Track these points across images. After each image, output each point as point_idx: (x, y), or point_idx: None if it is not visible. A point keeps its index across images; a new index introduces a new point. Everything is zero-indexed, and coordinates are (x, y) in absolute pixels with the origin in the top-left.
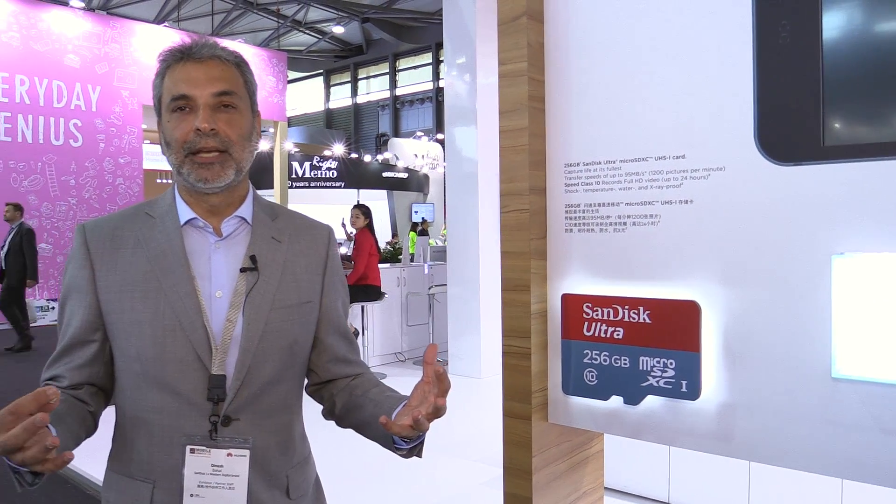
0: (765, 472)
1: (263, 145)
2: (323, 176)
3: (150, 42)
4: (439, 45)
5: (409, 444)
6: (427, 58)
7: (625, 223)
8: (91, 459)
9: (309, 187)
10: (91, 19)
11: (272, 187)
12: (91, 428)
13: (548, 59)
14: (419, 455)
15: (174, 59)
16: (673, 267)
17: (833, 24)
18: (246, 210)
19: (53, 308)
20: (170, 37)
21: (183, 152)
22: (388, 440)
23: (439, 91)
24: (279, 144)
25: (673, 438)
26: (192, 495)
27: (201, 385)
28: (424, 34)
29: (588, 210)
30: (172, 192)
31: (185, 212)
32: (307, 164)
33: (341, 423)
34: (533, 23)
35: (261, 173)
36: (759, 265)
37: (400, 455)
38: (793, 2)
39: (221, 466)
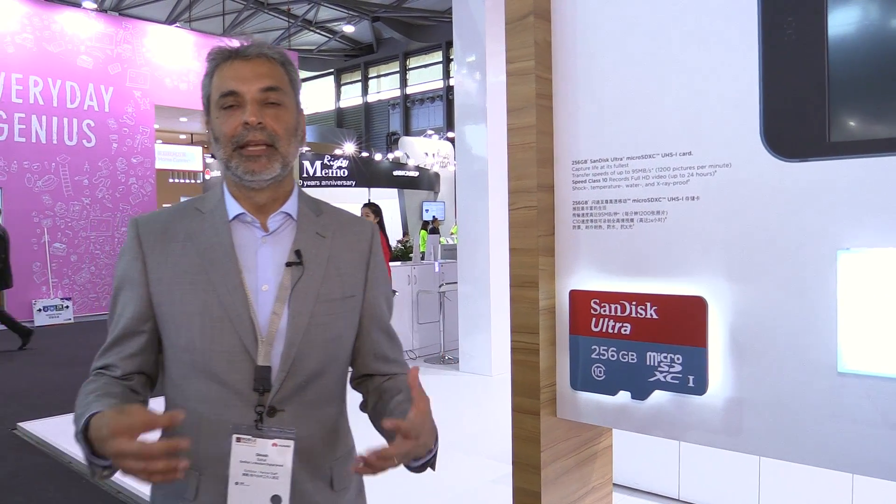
0: (775, 468)
1: None
2: (334, 175)
3: (161, 42)
4: (450, 44)
5: (417, 462)
6: (437, 56)
7: (632, 220)
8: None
9: (320, 186)
10: (103, 20)
11: None
12: None
13: (555, 58)
14: (433, 468)
15: (222, 58)
16: (680, 263)
17: (838, 20)
18: (291, 206)
19: (67, 307)
20: (181, 37)
21: (231, 146)
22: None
23: (450, 89)
24: None
25: (680, 433)
26: (237, 483)
27: (247, 376)
28: (435, 33)
29: (595, 207)
30: (221, 188)
31: (233, 207)
32: (318, 163)
33: (372, 422)
34: (540, 21)
35: None
36: (765, 261)
37: (416, 472)
38: None
39: (266, 456)
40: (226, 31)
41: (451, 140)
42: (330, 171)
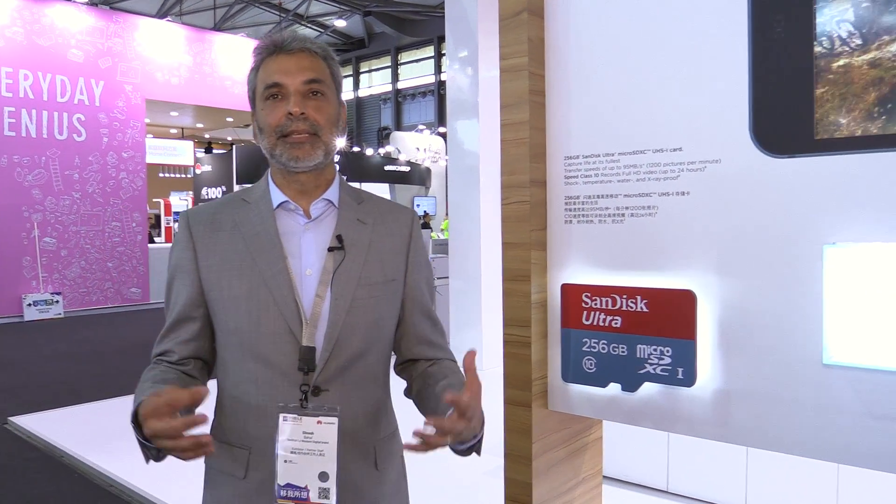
0: (762, 460)
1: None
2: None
3: (152, 36)
4: (441, 39)
5: (463, 445)
6: (429, 51)
7: (623, 215)
8: (101, 452)
9: None
10: (94, 14)
11: None
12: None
13: (548, 54)
14: (478, 453)
15: (267, 52)
16: (670, 257)
17: (826, 19)
18: (333, 193)
19: (57, 302)
20: (173, 31)
21: (275, 135)
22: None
23: (441, 84)
24: None
25: (669, 424)
26: (285, 461)
27: (293, 357)
28: (426, 27)
29: (587, 202)
30: (266, 178)
31: (277, 196)
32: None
33: (417, 407)
34: (534, 18)
35: (263, 167)
36: (753, 255)
37: (457, 454)
38: None
39: (312, 433)
40: (217, 25)
41: (443, 135)
42: None
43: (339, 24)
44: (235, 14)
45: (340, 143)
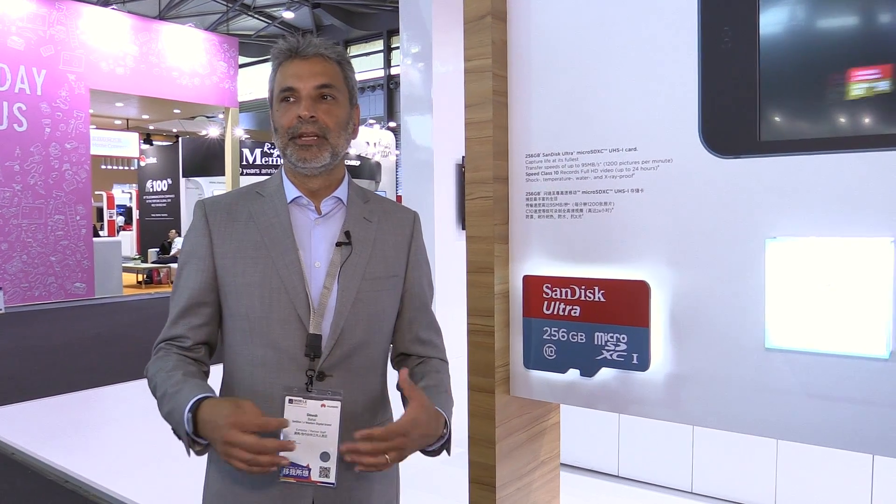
0: (707, 442)
1: (213, 132)
2: (274, 163)
3: (97, 25)
4: (391, 33)
5: (429, 447)
6: (379, 45)
7: (581, 210)
8: (54, 448)
9: (260, 174)
10: (35, 0)
11: (223, 174)
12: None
13: (511, 57)
14: (448, 452)
15: (284, 57)
16: (625, 250)
17: (769, 30)
18: (342, 192)
19: None
20: (118, 20)
21: (287, 136)
22: None
23: (391, 78)
24: (230, 130)
25: (625, 407)
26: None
27: (300, 343)
28: (376, 21)
29: (547, 198)
30: (280, 174)
31: (291, 191)
32: (258, 151)
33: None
34: (497, 22)
35: (211, 160)
36: (701, 248)
37: (433, 456)
38: (734, 10)
39: (316, 416)
40: (161, 14)
41: (393, 129)
42: (270, 159)
43: (287, 15)
44: (180, 3)
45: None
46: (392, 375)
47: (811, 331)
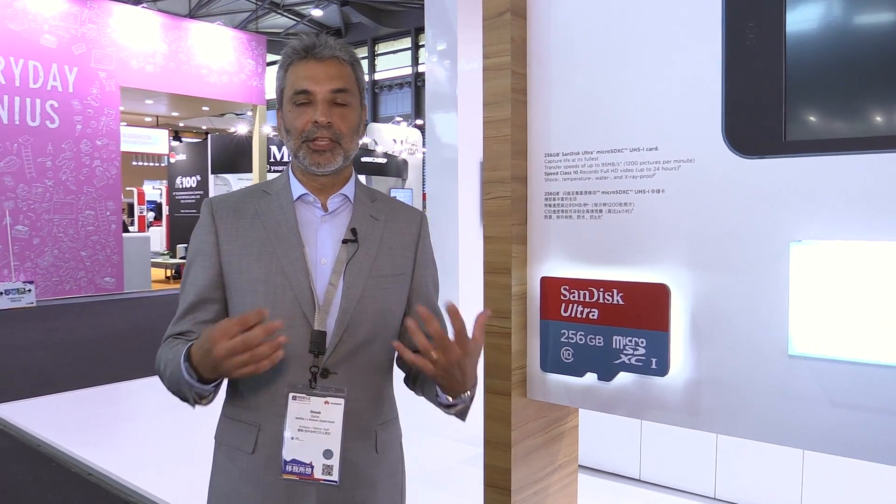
0: (731, 448)
1: (242, 129)
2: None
3: (127, 23)
4: (419, 30)
5: (447, 399)
6: (406, 42)
7: (601, 210)
8: (80, 441)
9: None
10: None
11: (251, 171)
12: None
13: (530, 54)
14: (463, 418)
15: (298, 56)
16: (645, 252)
17: (796, 27)
18: (349, 190)
19: (30, 291)
20: (148, 18)
21: (300, 139)
22: (434, 397)
23: (419, 76)
24: (258, 128)
25: (643, 412)
26: (292, 438)
27: (305, 339)
28: (404, 18)
29: (566, 198)
30: (287, 173)
31: (297, 189)
32: (286, 148)
33: (415, 390)
34: (516, 19)
35: (239, 157)
36: (723, 251)
37: (444, 410)
38: (759, 5)
39: (319, 413)
40: (192, 13)
41: (420, 127)
42: None
43: (316, 13)
44: (210, 1)
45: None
46: (398, 375)
47: (836, 338)
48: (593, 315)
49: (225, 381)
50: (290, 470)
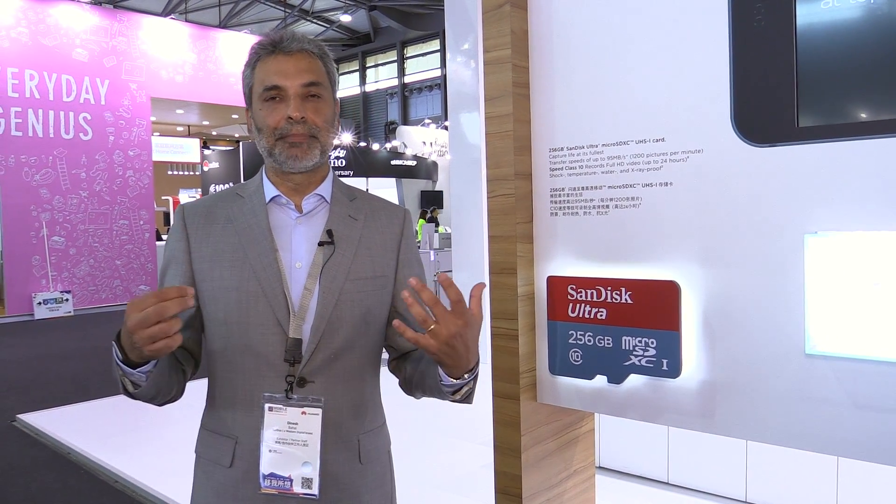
0: (762, 450)
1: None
2: (332, 165)
3: (157, 35)
4: None
5: (450, 381)
6: (435, 44)
7: (607, 206)
8: (107, 448)
9: None
10: (98, 13)
11: None
12: (182, 382)
13: (531, 46)
14: (469, 401)
15: (265, 51)
16: (654, 248)
17: (807, 5)
18: (325, 189)
19: (67, 300)
20: (177, 29)
21: (274, 137)
22: (437, 384)
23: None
24: None
25: (656, 416)
26: (269, 451)
27: (280, 347)
28: (432, 21)
29: (572, 194)
30: (261, 174)
31: (270, 190)
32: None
33: (413, 392)
34: (516, 10)
35: None
36: (735, 245)
37: (450, 398)
38: None
39: (296, 424)
40: (222, 23)
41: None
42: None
43: (345, 18)
44: (241, 11)
45: (347, 137)
46: (385, 380)
47: (857, 335)
48: (601, 315)
49: (205, 392)
50: (269, 484)
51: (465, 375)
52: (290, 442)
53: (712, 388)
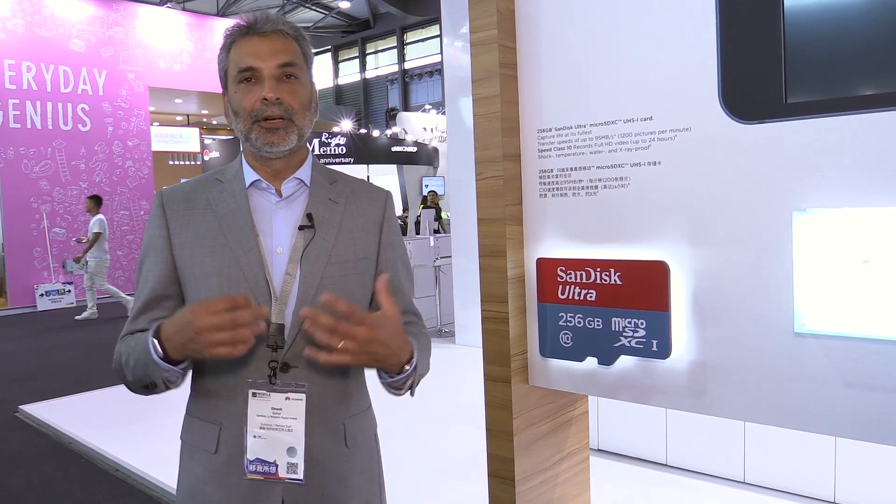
0: (759, 431)
1: None
2: (332, 152)
3: (154, 24)
4: None
5: (388, 377)
6: (435, 30)
7: (596, 187)
8: (108, 437)
9: None
10: (94, 3)
11: None
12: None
13: (518, 26)
14: (412, 392)
15: (239, 33)
16: (642, 228)
17: None
18: (304, 173)
19: (69, 291)
20: (174, 18)
21: (250, 120)
22: (384, 383)
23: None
24: None
25: (647, 397)
26: (254, 437)
27: (262, 333)
28: (431, 6)
29: (561, 175)
30: (240, 159)
31: (250, 175)
32: (316, 141)
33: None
34: None
35: None
36: (724, 224)
37: (394, 392)
38: None
39: (280, 409)
40: (220, 11)
41: None
42: (328, 148)
43: (344, 5)
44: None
45: (347, 125)
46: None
47: (846, 313)
48: (591, 296)
49: (189, 377)
50: (254, 469)
51: (406, 367)
52: (274, 427)
53: (702, 368)
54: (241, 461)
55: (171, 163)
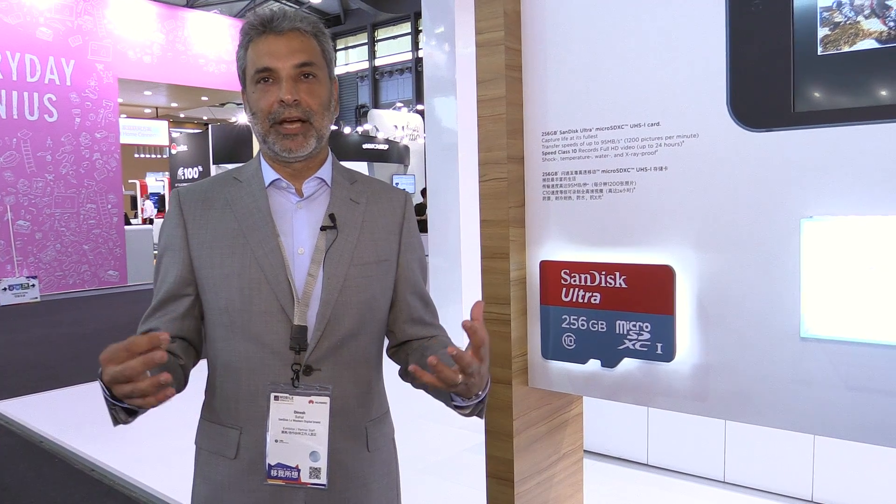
0: (739, 433)
1: (242, 118)
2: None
3: (123, 14)
4: (418, 15)
5: (464, 401)
6: (406, 27)
7: (601, 190)
8: (81, 436)
9: None
10: None
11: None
12: (182, 382)
13: (524, 28)
14: (480, 416)
15: (256, 32)
16: (648, 232)
17: None
18: (325, 172)
19: (33, 286)
20: (144, 8)
21: (268, 122)
22: (447, 398)
23: (419, 61)
24: None
25: (649, 399)
26: (276, 441)
27: (284, 335)
28: (403, 3)
29: (565, 178)
30: (258, 158)
31: (269, 174)
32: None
33: (414, 384)
34: None
35: (241, 146)
36: (730, 229)
37: (462, 414)
38: None
39: (303, 413)
40: (189, 2)
41: (421, 112)
42: None
43: (315, 0)
44: None
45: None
46: (388, 367)
47: (851, 318)
48: (595, 299)
49: (204, 381)
50: (276, 475)
51: (479, 392)
52: (297, 431)
53: (706, 371)
54: (261, 466)
55: (137, 156)
